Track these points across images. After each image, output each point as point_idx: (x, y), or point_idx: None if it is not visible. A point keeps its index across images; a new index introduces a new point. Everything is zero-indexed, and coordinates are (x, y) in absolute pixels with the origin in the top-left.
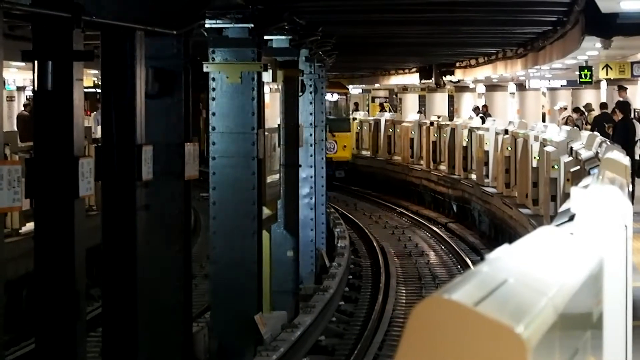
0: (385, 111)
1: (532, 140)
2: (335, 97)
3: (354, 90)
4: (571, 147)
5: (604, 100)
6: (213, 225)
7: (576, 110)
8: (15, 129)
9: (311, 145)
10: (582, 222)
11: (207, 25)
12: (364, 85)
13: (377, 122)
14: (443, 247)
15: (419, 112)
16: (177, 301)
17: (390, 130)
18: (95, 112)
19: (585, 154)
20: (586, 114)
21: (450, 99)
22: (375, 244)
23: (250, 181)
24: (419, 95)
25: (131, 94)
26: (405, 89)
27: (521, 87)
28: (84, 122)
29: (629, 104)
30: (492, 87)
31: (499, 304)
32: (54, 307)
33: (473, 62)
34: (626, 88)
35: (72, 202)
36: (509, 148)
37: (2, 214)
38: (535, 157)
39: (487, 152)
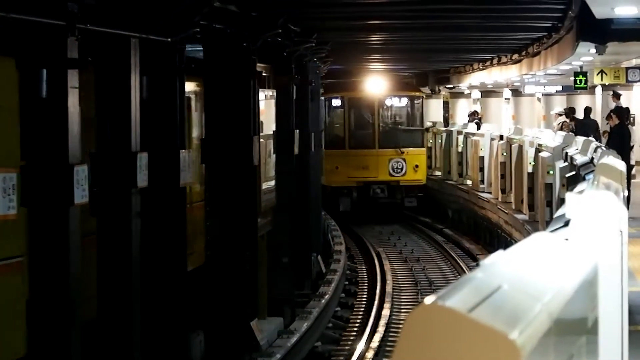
0: None
1: (527, 145)
2: (404, 102)
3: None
4: (566, 153)
5: (599, 105)
6: (208, 231)
7: (567, 114)
8: None
9: None
10: (577, 227)
11: (201, 33)
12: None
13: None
14: None
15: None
16: (173, 307)
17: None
18: None
19: (580, 159)
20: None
21: (445, 104)
22: None
23: (246, 187)
24: None
25: (126, 101)
26: None
27: (516, 92)
28: (79, 130)
29: (627, 109)
30: (487, 92)
31: (493, 310)
32: (49, 315)
33: (468, 68)
34: (620, 94)
35: (67, 209)
36: (504, 154)
37: None
38: (530, 163)
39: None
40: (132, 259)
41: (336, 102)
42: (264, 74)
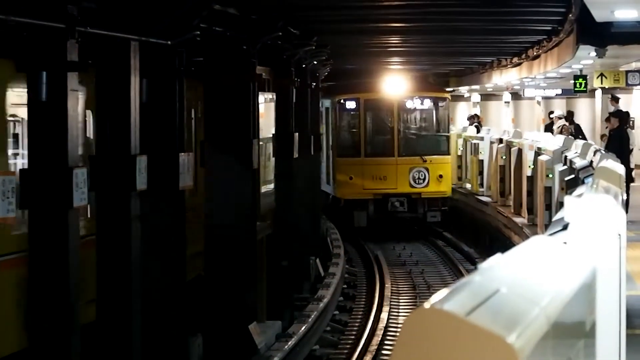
0: None
1: (527, 149)
2: (427, 104)
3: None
4: (566, 156)
5: (599, 108)
6: (207, 234)
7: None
8: None
9: None
10: (575, 231)
11: (201, 36)
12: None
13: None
14: None
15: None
16: (172, 310)
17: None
18: None
19: (579, 162)
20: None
21: None
22: None
23: (245, 191)
24: None
25: (126, 104)
26: None
27: (516, 96)
28: (78, 132)
29: (627, 113)
30: (487, 96)
31: (491, 314)
32: (48, 318)
33: (468, 70)
34: (619, 98)
35: (66, 212)
36: (504, 157)
37: None
38: (529, 166)
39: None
40: (132, 261)
41: (350, 105)
42: (263, 77)
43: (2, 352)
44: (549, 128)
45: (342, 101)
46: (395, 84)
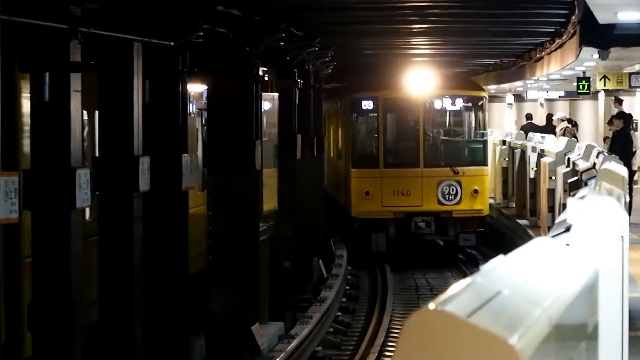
0: None
1: (530, 151)
2: (460, 104)
3: None
4: (569, 158)
5: (602, 110)
6: (210, 235)
7: (570, 120)
8: None
9: None
10: (578, 233)
11: (204, 37)
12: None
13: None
14: None
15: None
16: (174, 311)
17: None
18: None
19: (582, 164)
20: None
21: None
22: None
23: (248, 192)
24: None
25: (129, 105)
26: None
27: (519, 97)
28: (81, 133)
29: (630, 115)
30: (490, 97)
31: (493, 315)
32: (50, 318)
33: (471, 72)
34: (622, 100)
35: (69, 213)
36: (507, 159)
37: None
38: (532, 168)
39: None
40: (134, 262)
41: (367, 105)
42: (266, 78)
43: None
44: (546, 130)
45: (357, 101)
46: (421, 81)
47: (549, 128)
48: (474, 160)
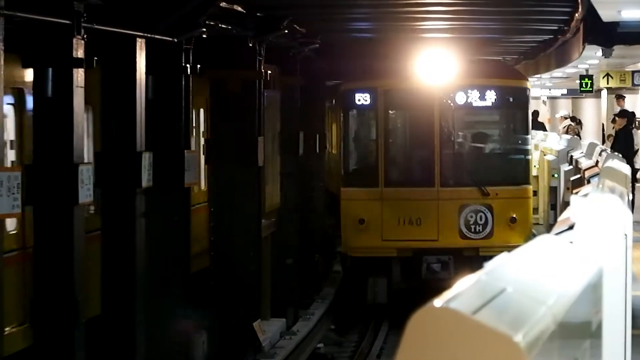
0: None
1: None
2: (491, 98)
3: None
4: (571, 156)
5: (604, 108)
6: (213, 233)
7: (573, 118)
8: None
9: None
10: (581, 230)
11: (207, 33)
12: None
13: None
14: None
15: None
16: (176, 307)
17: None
18: None
19: (585, 162)
20: None
21: None
22: None
23: (250, 189)
24: None
25: (132, 101)
26: None
27: None
28: (83, 129)
29: (634, 113)
30: None
31: (497, 313)
32: (53, 313)
33: None
34: (624, 97)
35: (71, 208)
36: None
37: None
38: (535, 166)
39: None
40: (137, 258)
41: (363, 99)
42: (269, 74)
43: None
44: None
45: (347, 94)
46: (436, 67)
47: (538, 124)
48: (512, 176)
